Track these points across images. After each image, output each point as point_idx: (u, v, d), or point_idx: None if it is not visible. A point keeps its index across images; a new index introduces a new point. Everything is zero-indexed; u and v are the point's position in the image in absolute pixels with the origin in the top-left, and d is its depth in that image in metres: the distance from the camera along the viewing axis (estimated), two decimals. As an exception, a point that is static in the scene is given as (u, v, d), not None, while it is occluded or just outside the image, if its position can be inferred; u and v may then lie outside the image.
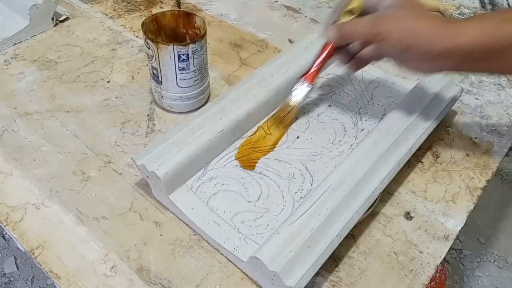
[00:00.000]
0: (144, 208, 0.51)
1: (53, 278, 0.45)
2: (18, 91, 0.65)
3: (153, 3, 0.84)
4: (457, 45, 0.43)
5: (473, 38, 0.43)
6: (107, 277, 0.45)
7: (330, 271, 0.46)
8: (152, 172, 0.47)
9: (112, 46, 0.74)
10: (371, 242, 0.49)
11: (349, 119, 0.60)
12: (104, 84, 0.67)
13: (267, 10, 0.85)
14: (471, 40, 0.43)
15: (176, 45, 0.55)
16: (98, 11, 0.81)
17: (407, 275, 0.46)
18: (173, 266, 0.46)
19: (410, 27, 0.45)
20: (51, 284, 1.25)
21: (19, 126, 0.60)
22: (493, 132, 0.63)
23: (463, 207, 0.53)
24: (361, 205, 0.46)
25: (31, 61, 0.70)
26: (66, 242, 0.48)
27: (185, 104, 0.61)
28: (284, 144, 0.56)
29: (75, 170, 0.55)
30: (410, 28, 0.45)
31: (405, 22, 0.45)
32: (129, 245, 0.48)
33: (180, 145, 0.50)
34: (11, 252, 1.31)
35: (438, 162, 0.58)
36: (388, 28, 0.46)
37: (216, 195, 0.50)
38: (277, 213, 0.49)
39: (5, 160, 0.55)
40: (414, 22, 0.45)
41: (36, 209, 0.51)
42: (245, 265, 0.45)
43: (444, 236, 0.50)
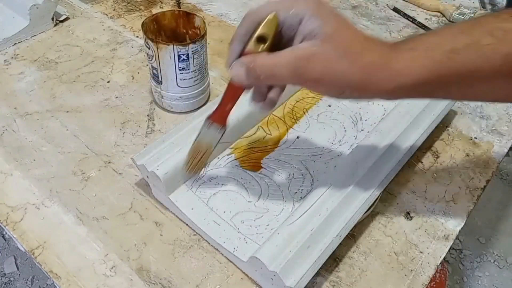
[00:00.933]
0: (144, 208, 0.51)
1: (53, 278, 0.45)
2: (18, 91, 0.65)
3: (153, 3, 0.84)
4: (397, 86, 0.36)
5: (416, 76, 0.35)
6: (107, 277, 0.45)
7: (330, 271, 0.46)
8: (152, 172, 0.47)
9: (112, 46, 0.74)
10: (371, 242, 0.49)
11: (349, 119, 0.60)
12: (104, 84, 0.67)
13: (267, 10, 0.85)
14: (413, 79, 0.35)
15: (176, 45, 0.55)
16: (98, 11, 0.81)
17: (407, 275, 0.46)
18: (173, 266, 0.46)
19: (341, 72, 0.35)
20: (51, 284, 1.25)
21: (19, 126, 0.60)
22: (493, 132, 0.63)
23: (463, 207, 0.53)
24: (361, 205, 0.46)
25: (31, 61, 0.70)
26: (66, 242, 0.48)
27: (185, 104, 0.61)
28: (284, 144, 0.56)
29: (75, 170, 0.55)
30: (341, 73, 0.35)
31: (336, 66, 0.35)
32: (129, 245, 0.48)
33: (180, 145, 0.50)
34: (11, 252, 1.31)
35: (438, 162, 0.58)
36: (315, 75, 0.36)
37: (216, 195, 0.50)
38: (277, 213, 0.49)
39: (5, 160, 0.55)
40: (346, 65, 0.35)
41: (36, 209, 0.51)
42: (245, 265, 0.45)
43: (444, 236, 0.50)
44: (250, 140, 0.56)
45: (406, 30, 0.81)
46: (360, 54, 0.35)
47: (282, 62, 0.36)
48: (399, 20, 0.84)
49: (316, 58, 0.35)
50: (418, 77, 0.35)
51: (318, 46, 0.35)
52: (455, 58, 0.34)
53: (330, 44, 0.35)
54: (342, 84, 0.36)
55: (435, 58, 0.35)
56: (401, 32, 0.80)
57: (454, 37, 0.35)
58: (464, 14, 0.81)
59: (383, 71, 0.35)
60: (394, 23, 0.83)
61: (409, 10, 0.86)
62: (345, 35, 0.36)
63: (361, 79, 0.35)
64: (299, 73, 0.36)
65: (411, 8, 0.87)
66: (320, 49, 0.35)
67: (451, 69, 0.35)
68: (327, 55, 0.35)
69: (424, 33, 0.37)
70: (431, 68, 0.35)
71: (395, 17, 0.85)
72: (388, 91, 0.36)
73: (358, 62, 0.35)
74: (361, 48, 0.36)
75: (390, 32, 0.80)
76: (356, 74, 0.35)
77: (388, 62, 0.35)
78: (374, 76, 0.35)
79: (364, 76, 0.35)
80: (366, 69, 0.35)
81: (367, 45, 0.36)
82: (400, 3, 0.88)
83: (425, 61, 0.35)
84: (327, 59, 0.35)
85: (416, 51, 0.35)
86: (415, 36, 0.37)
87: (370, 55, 0.36)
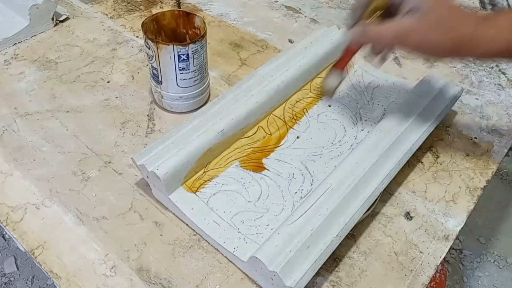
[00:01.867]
0: (144, 208, 0.51)
1: (53, 278, 0.45)
2: (18, 91, 0.65)
3: (153, 3, 0.84)
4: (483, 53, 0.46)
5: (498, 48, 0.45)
6: (107, 277, 0.45)
7: (330, 271, 0.46)
8: (152, 172, 0.47)
9: (112, 46, 0.74)
10: (371, 242, 0.49)
11: (349, 119, 0.60)
12: (104, 84, 0.67)
13: (267, 10, 0.85)
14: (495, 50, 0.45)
15: (176, 45, 0.55)
16: (98, 11, 0.81)
17: (407, 275, 0.46)
18: (173, 266, 0.46)
19: (436, 43, 0.45)
20: (51, 284, 1.25)
21: (19, 126, 0.60)
22: (493, 132, 0.63)
23: (463, 207, 0.53)
24: (361, 205, 0.46)
25: (31, 61, 0.70)
26: (66, 242, 0.48)
27: (185, 104, 0.61)
28: (284, 144, 0.56)
29: (75, 170, 0.55)
30: (436, 44, 0.45)
31: (432, 36, 0.45)
32: (129, 245, 0.48)
33: (180, 145, 0.50)
34: (11, 252, 1.31)
35: (438, 162, 0.58)
36: (414, 43, 0.46)
37: (216, 195, 0.50)
38: (277, 213, 0.49)
39: (5, 160, 0.55)
40: (439, 38, 0.45)
41: (36, 209, 0.51)
42: (245, 265, 0.45)
43: (444, 236, 0.50)
44: (250, 140, 0.56)
45: (406, 30, 0.81)
46: (452, 29, 0.45)
47: (388, 31, 0.47)
48: (399, 20, 0.83)
49: (415, 31, 0.46)
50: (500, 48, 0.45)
51: (417, 21, 0.45)
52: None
53: (427, 18, 0.45)
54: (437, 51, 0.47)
55: None
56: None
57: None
58: (464, 14, 0.81)
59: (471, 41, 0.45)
60: (394, 23, 0.83)
61: (409, 10, 0.86)
62: (440, 11, 0.45)
63: (452, 48, 0.45)
64: (400, 40, 0.47)
65: (411, 8, 0.87)
66: (418, 24, 0.45)
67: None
68: (423, 29, 0.45)
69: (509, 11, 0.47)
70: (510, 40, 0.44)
71: (395, 17, 0.85)
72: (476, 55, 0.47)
73: (449, 35, 0.45)
74: (454, 22, 0.45)
75: (390, 32, 0.80)
76: (447, 44, 0.45)
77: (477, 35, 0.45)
78: (463, 45, 0.45)
79: (456, 45, 0.45)
80: (457, 40, 0.45)
81: (460, 19, 0.45)
82: (400, 3, 0.88)
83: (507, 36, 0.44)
84: (423, 33, 0.45)
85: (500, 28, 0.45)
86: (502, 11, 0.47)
87: (461, 29, 0.45)
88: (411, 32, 0.46)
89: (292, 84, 0.61)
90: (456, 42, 0.45)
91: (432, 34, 0.45)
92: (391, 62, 0.73)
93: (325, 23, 0.82)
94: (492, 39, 0.44)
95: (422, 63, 0.73)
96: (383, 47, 0.52)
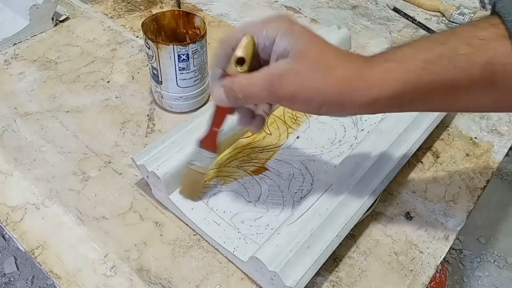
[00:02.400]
0: (144, 208, 0.51)
1: (53, 278, 0.45)
2: (18, 91, 0.65)
3: (153, 3, 0.84)
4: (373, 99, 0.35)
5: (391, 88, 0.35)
6: (107, 277, 0.45)
7: (330, 271, 0.46)
8: (152, 172, 0.47)
9: (112, 46, 0.74)
10: (371, 242, 0.49)
11: (349, 119, 0.60)
12: (104, 84, 0.67)
13: (267, 10, 0.85)
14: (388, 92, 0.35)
15: (176, 45, 0.55)
16: (98, 11, 0.81)
17: (407, 275, 0.46)
18: (173, 266, 0.46)
19: (316, 87, 0.35)
20: (51, 284, 1.25)
21: (19, 126, 0.60)
22: (493, 132, 0.63)
23: (463, 207, 0.53)
24: (361, 205, 0.46)
25: (31, 61, 0.70)
26: (66, 242, 0.48)
27: (185, 104, 0.61)
28: (284, 144, 0.56)
29: (75, 170, 0.55)
30: (316, 88, 0.35)
31: (309, 81, 0.35)
32: (129, 245, 0.48)
33: (180, 145, 0.50)
34: (11, 252, 1.31)
35: (438, 162, 0.58)
36: (290, 91, 0.36)
37: (216, 195, 0.50)
38: (277, 213, 0.49)
39: (5, 160, 0.55)
40: (320, 79, 0.35)
41: (36, 209, 0.51)
42: (245, 265, 0.45)
43: (444, 236, 0.50)
44: (250, 140, 0.56)
45: (406, 30, 0.81)
46: (333, 68, 0.35)
47: (257, 81, 0.37)
48: (399, 20, 0.84)
49: (290, 75, 0.36)
50: (394, 89, 0.34)
51: (291, 63, 0.36)
52: (430, 68, 0.33)
53: (303, 60, 0.35)
54: (317, 99, 0.36)
55: (410, 69, 0.34)
56: (401, 32, 0.80)
57: (430, 47, 0.34)
58: (464, 14, 0.81)
59: (357, 84, 0.35)
60: (394, 23, 0.83)
61: (409, 10, 0.86)
62: (317, 50, 0.36)
63: (336, 93, 0.35)
64: (273, 90, 0.36)
65: (411, 8, 0.87)
66: (292, 66, 0.36)
67: (426, 80, 0.34)
68: (300, 71, 0.35)
69: (400, 45, 0.36)
70: (405, 80, 0.34)
71: (395, 17, 0.85)
72: (364, 104, 0.35)
73: (331, 76, 0.35)
74: (334, 62, 0.36)
75: (390, 32, 0.80)
76: (330, 88, 0.35)
77: (362, 75, 0.35)
78: (349, 90, 0.35)
79: (339, 89, 0.35)
80: (340, 82, 0.35)
81: (341, 59, 0.36)
82: (400, 3, 0.88)
83: (399, 73, 0.34)
84: (300, 75, 0.35)
85: (391, 63, 0.35)
86: (391, 48, 0.36)
87: (344, 68, 0.35)
88: (286, 76, 0.36)
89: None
90: (341, 83, 0.35)
91: (311, 78, 0.35)
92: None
93: (325, 23, 0.82)
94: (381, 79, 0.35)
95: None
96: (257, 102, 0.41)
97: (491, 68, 0.32)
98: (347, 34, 0.69)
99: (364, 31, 0.80)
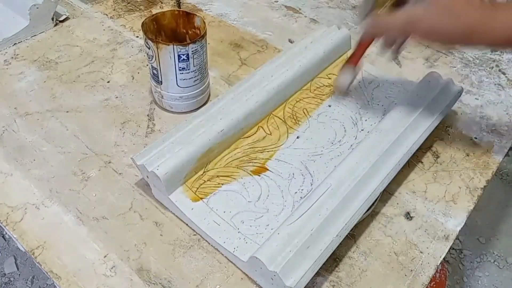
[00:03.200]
0: (144, 208, 0.51)
1: (53, 278, 0.45)
2: (18, 91, 0.65)
3: (153, 3, 0.84)
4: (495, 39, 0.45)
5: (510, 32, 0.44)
6: (107, 277, 0.45)
7: (330, 271, 0.46)
8: (152, 172, 0.47)
9: (112, 46, 0.74)
10: (371, 242, 0.49)
11: (349, 119, 0.60)
12: (104, 84, 0.67)
13: (267, 10, 0.85)
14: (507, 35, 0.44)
15: (176, 45, 0.55)
16: (98, 11, 0.81)
17: (407, 275, 0.46)
18: (173, 266, 0.46)
19: (446, 30, 0.45)
20: (51, 284, 1.25)
21: (19, 126, 0.60)
22: (493, 132, 0.63)
23: (463, 207, 0.53)
24: (361, 205, 0.46)
25: (31, 61, 0.70)
26: (66, 242, 0.48)
27: (185, 104, 0.61)
28: (284, 144, 0.56)
29: (75, 170, 0.55)
30: (447, 31, 0.45)
31: (441, 25, 0.45)
32: (129, 245, 0.48)
33: (180, 145, 0.50)
34: (11, 252, 1.31)
35: (438, 162, 0.58)
36: (424, 29, 0.46)
37: (216, 195, 0.50)
38: (277, 213, 0.49)
39: (5, 160, 0.55)
40: (450, 24, 0.45)
41: (36, 209, 0.51)
42: (245, 265, 0.45)
43: (444, 236, 0.50)
44: (250, 140, 0.56)
45: (406, 30, 0.81)
46: (462, 15, 0.44)
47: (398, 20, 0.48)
48: (399, 20, 0.83)
49: (425, 19, 0.46)
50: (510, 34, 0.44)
51: (427, 8, 0.46)
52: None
53: (437, 6, 0.45)
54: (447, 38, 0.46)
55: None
56: (401, 32, 0.80)
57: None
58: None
59: (482, 28, 0.44)
60: (394, 23, 0.83)
61: (409, 10, 0.86)
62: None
63: (463, 34, 0.45)
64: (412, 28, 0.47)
65: (411, 8, 0.87)
66: (428, 11, 0.46)
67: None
68: (433, 16, 0.45)
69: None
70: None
71: (395, 17, 0.85)
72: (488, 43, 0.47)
73: (459, 21, 0.44)
74: (462, 9, 0.45)
75: (390, 32, 0.80)
76: (458, 32, 0.45)
77: (487, 22, 0.44)
78: (474, 32, 0.44)
79: (466, 34, 0.45)
80: (466, 28, 0.45)
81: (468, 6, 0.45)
82: (400, 3, 0.88)
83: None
84: (433, 18, 0.45)
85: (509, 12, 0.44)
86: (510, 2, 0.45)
87: (470, 16, 0.44)
88: (421, 19, 0.46)
89: (292, 84, 0.61)
90: (467, 29, 0.45)
91: (442, 21, 0.45)
92: (391, 62, 0.73)
93: (325, 23, 0.82)
94: (502, 26, 0.44)
95: (422, 63, 0.73)
96: (394, 36, 0.53)
97: None
98: (347, 34, 0.69)
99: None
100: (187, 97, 0.61)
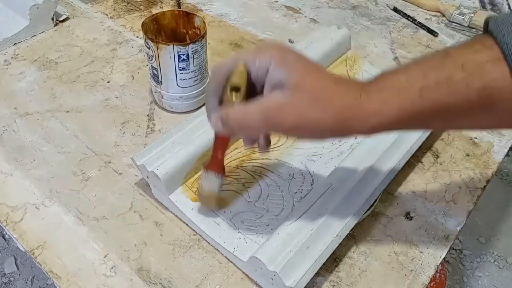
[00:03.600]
0: (144, 208, 0.51)
1: (53, 278, 0.45)
2: (18, 91, 0.65)
3: (153, 3, 0.84)
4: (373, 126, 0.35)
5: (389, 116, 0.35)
6: (107, 277, 0.45)
7: (330, 271, 0.46)
8: (152, 172, 0.47)
9: (112, 46, 0.74)
10: (371, 242, 0.49)
11: (349, 119, 0.60)
12: (104, 84, 0.67)
13: (267, 10, 0.85)
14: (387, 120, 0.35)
15: (176, 45, 0.55)
16: (98, 11, 0.81)
17: (407, 275, 0.46)
18: (173, 266, 0.46)
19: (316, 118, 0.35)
20: (51, 284, 1.25)
21: (19, 126, 0.60)
22: (493, 132, 0.63)
23: (463, 207, 0.53)
24: (361, 205, 0.46)
25: (31, 61, 0.70)
26: (66, 242, 0.48)
27: (185, 104, 0.61)
28: (284, 144, 0.56)
29: (75, 170, 0.55)
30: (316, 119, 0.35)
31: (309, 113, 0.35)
32: (129, 245, 0.48)
33: (180, 145, 0.50)
34: (11, 252, 1.31)
35: (438, 162, 0.58)
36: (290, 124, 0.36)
37: (216, 195, 0.50)
38: (277, 213, 0.49)
39: (5, 160, 0.55)
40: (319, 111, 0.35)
41: (36, 209, 0.51)
42: (245, 265, 0.45)
43: (444, 236, 0.50)
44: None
45: (406, 30, 0.81)
46: (332, 99, 0.35)
47: (253, 114, 0.36)
48: (399, 20, 0.84)
49: (287, 108, 0.35)
50: (392, 117, 0.35)
51: (288, 96, 0.35)
52: (427, 96, 0.33)
53: (300, 93, 0.35)
54: (318, 130, 0.36)
55: (407, 98, 0.34)
56: (401, 32, 0.80)
57: (425, 74, 0.34)
58: (464, 14, 0.81)
59: (356, 114, 0.35)
60: (394, 23, 0.83)
61: (409, 10, 0.86)
62: (313, 80, 0.36)
63: (336, 123, 0.35)
64: (272, 123, 0.36)
65: (411, 8, 0.87)
66: (290, 98, 0.35)
67: (424, 107, 0.34)
68: (298, 104, 0.35)
69: (394, 71, 0.36)
70: (403, 108, 0.34)
71: (395, 17, 0.85)
72: (364, 131, 0.36)
73: (330, 107, 0.35)
74: (332, 93, 0.35)
75: (390, 32, 0.80)
76: (330, 119, 0.35)
77: (360, 105, 0.35)
78: (348, 119, 0.35)
79: (339, 120, 0.35)
80: (339, 113, 0.35)
81: (338, 89, 0.36)
82: (400, 3, 0.88)
83: (396, 102, 0.34)
84: (299, 108, 0.35)
85: (387, 92, 0.35)
86: (386, 73, 0.36)
87: (342, 99, 0.35)
88: (283, 109, 0.35)
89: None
90: (339, 116, 0.35)
91: (309, 110, 0.35)
92: (391, 62, 0.73)
93: (325, 23, 0.82)
94: (378, 108, 0.35)
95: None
96: (252, 136, 0.42)
97: (488, 92, 0.32)
98: (347, 34, 0.69)
99: (364, 31, 0.80)
100: (187, 97, 0.61)
